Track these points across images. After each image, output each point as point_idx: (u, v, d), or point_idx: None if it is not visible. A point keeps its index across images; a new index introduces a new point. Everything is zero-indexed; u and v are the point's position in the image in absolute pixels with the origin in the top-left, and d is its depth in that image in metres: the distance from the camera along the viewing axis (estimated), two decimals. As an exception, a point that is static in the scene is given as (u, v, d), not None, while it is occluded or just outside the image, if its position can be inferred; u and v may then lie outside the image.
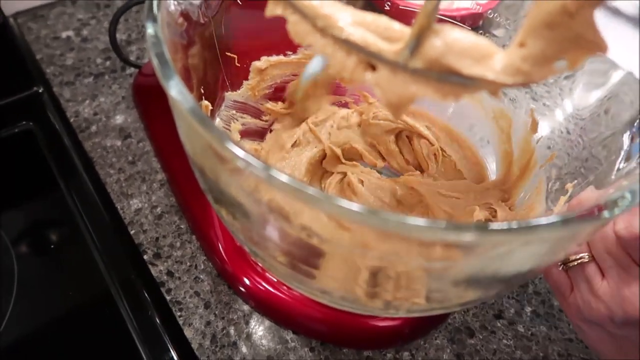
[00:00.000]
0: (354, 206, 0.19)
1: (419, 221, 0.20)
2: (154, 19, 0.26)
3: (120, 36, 0.57)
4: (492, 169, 0.41)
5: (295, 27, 0.24)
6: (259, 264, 0.40)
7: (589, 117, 0.33)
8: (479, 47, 0.19)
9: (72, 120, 0.50)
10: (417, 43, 0.20)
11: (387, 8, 0.43)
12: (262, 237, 0.28)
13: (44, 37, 0.56)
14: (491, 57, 0.19)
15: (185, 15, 0.29)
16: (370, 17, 0.23)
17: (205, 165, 0.26)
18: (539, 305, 0.42)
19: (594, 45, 0.17)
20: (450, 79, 0.20)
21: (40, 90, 0.51)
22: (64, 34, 0.57)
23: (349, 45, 0.23)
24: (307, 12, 0.23)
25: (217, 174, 0.26)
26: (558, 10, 0.16)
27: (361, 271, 0.28)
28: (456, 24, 0.41)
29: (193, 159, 0.28)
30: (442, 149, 0.41)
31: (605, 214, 0.22)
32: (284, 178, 0.20)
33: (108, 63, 0.55)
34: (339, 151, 0.41)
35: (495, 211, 0.37)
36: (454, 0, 0.57)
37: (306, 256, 0.28)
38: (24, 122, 0.49)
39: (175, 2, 0.28)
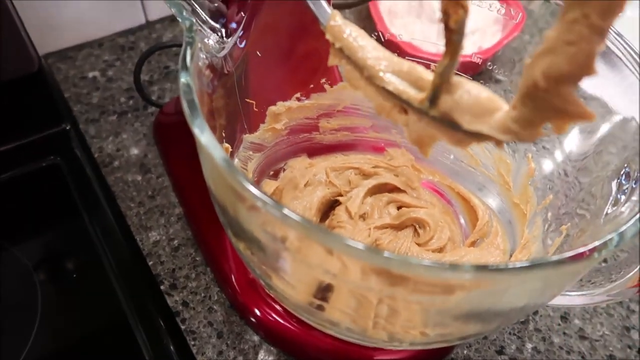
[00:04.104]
0: (359, 245, 0.22)
1: (423, 261, 0.22)
2: (187, 69, 0.29)
3: (143, 77, 0.60)
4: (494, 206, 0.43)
5: (349, 74, 0.28)
6: (271, 296, 0.42)
7: (583, 160, 0.36)
8: (482, 103, 0.22)
9: (96, 155, 0.53)
10: (434, 96, 0.23)
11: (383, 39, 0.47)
12: (277, 270, 0.30)
13: (72, 77, 0.60)
14: (493, 114, 0.22)
15: (211, 67, 0.32)
16: (406, 66, 0.26)
17: (227, 202, 0.29)
18: (539, 342, 0.44)
19: (578, 115, 0.19)
20: (459, 129, 0.23)
21: (67, 127, 0.54)
22: (90, 74, 0.60)
23: (386, 92, 0.26)
24: (357, 63, 0.26)
25: (237, 210, 0.28)
26: (532, 85, 0.18)
27: (368, 304, 0.30)
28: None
29: (215, 196, 0.30)
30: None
31: (595, 255, 0.24)
32: (295, 217, 0.22)
33: (131, 102, 0.58)
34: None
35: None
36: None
37: (317, 290, 0.30)
38: (51, 157, 0.52)
39: (204, 56, 0.32)
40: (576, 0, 0.18)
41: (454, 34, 0.20)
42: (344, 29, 0.26)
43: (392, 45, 0.47)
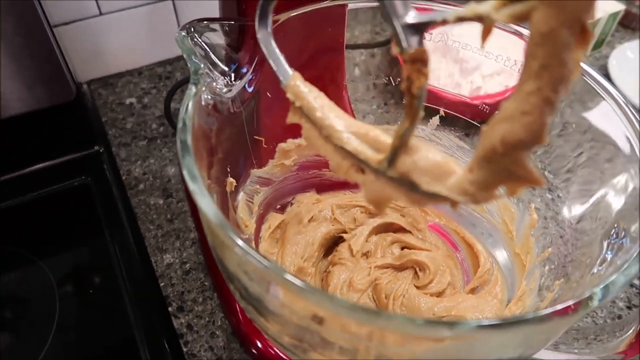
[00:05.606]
0: (334, 299, 0.22)
1: (400, 317, 0.23)
2: (187, 110, 0.30)
3: (175, 105, 0.63)
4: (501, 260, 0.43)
5: (308, 132, 0.28)
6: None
7: (581, 219, 0.35)
8: (440, 166, 0.23)
9: (124, 177, 0.57)
10: (393, 157, 0.24)
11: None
12: (260, 310, 0.31)
13: (111, 102, 0.64)
14: (450, 176, 0.22)
15: (215, 106, 0.34)
16: (364, 128, 0.27)
17: (215, 242, 0.30)
18: (541, 397, 0.42)
19: (529, 180, 0.19)
20: (417, 189, 0.23)
21: (100, 150, 0.58)
22: (127, 101, 0.64)
23: (344, 152, 0.27)
24: (316, 122, 0.27)
25: (223, 251, 0.29)
26: (490, 149, 0.19)
27: (354, 351, 0.30)
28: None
29: (206, 232, 0.32)
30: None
31: (580, 311, 0.24)
32: (285, 275, 0.23)
33: (162, 129, 0.61)
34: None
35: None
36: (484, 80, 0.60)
37: (296, 333, 0.31)
38: (82, 177, 0.56)
39: (208, 97, 0.34)
40: (532, 75, 0.19)
41: (414, 99, 0.21)
42: (303, 89, 0.27)
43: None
